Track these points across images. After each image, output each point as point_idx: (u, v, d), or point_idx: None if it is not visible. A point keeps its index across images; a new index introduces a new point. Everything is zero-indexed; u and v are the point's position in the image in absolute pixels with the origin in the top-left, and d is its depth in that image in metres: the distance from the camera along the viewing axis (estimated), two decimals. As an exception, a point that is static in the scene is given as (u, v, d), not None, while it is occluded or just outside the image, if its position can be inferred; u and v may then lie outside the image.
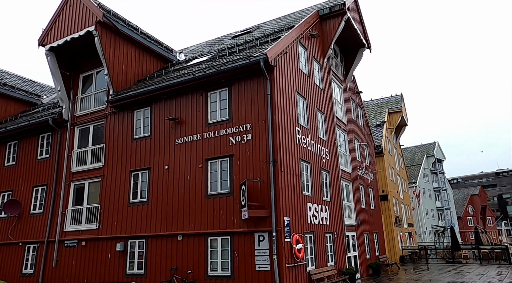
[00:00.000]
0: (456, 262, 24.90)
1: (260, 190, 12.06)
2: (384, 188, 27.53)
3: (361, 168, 21.32)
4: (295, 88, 14.24)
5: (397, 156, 35.48)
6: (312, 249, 13.48)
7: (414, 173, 50.07)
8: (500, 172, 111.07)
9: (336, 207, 16.36)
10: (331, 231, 15.34)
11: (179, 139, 14.06)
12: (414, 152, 54.69)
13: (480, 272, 18.89)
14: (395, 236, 27.40)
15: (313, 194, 14.27)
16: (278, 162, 12.06)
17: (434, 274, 18.46)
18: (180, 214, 13.28)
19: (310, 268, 12.91)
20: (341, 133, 19.30)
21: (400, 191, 33.56)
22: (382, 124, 31.09)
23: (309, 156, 14.48)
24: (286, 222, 11.85)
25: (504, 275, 17.10)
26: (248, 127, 12.78)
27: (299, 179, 13.27)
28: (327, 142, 16.73)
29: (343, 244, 16.28)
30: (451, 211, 56.43)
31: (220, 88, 13.70)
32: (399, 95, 35.23)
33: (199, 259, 12.50)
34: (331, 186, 16.23)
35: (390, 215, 27.26)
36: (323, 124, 16.76)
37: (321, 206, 14.75)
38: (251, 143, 12.59)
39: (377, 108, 34.61)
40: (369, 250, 20.07)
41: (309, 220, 13.45)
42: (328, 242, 15.01)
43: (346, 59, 21.66)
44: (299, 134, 13.90)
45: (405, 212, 33.65)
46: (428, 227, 47.49)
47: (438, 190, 53.78)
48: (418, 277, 17.32)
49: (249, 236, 11.86)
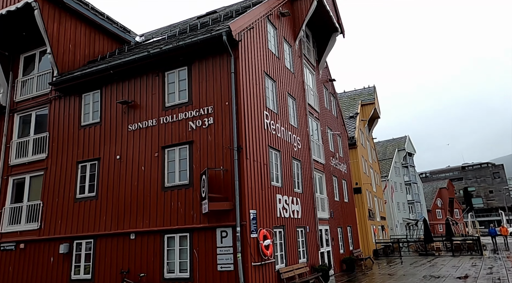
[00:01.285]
0: (429, 254, 24.59)
1: (223, 180, 10.69)
2: (357, 180, 26.86)
3: (334, 159, 20.38)
4: (263, 69, 12.93)
5: (370, 149, 35.10)
6: (282, 245, 12.27)
7: (386, 167, 50.29)
8: (466, 166, 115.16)
9: (309, 199, 15.25)
10: (303, 225, 14.20)
11: (133, 125, 12.43)
12: (386, 146, 55.03)
13: (454, 264, 18.42)
14: (369, 229, 26.83)
15: (283, 185, 13.05)
16: (244, 149, 10.72)
17: (409, 267, 17.79)
18: (133, 210, 11.68)
19: (279, 266, 11.69)
20: (314, 121, 18.23)
21: (373, 184, 33.16)
22: (355, 116, 30.46)
23: (279, 143, 13.24)
24: (253, 215, 10.54)
25: (479, 267, 16.62)
26: (210, 109, 11.35)
27: (267, 168, 11.99)
28: (299, 130, 15.57)
29: (316, 239, 15.20)
30: (421, 204, 57.35)
31: (178, 67, 12.18)
32: (371, 87, 34.81)
33: (154, 260, 10.97)
34: (303, 176, 15.09)
35: (363, 208, 26.64)
36: (294, 110, 15.58)
37: (292, 198, 13.57)
38: (213, 128, 11.18)
39: (350, 100, 34.03)
40: (342, 244, 19.17)
41: (278, 213, 12.22)
42: (300, 237, 13.86)
43: (319, 44, 20.62)
44: (268, 119, 12.62)
45: (378, 205, 33.31)
46: (400, 220, 47.82)
47: (409, 184, 54.41)
48: (393, 272, 16.55)
49: (211, 233, 10.47)
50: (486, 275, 13.72)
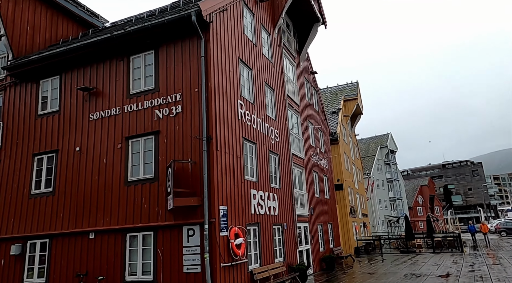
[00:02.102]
0: (410, 251, 24.30)
1: (191, 174, 9.79)
2: (339, 176, 26.33)
3: (315, 154, 19.71)
4: (237, 55, 12.05)
5: (352, 145, 34.71)
6: (257, 244, 11.46)
7: (369, 164, 50.25)
8: (446, 164, 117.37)
9: (287, 195, 14.50)
10: (280, 222, 13.44)
11: (94, 114, 11.37)
12: (368, 143, 55.03)
13: (435, 261, 18.05)
14: (350, 226, 26.36)
15: (259, 179, 12.24)
16: (214, 140, 9.84)
17: (390, 265, 17.29)
18: (93, 207, 10.65)
19: (253, 267, 10.88)
20: (294, 114, 17.48)
21: (355, 181, 32.79)
22: (337, 111, 29.93)
23: (255, 135, 12.41)
24: (223, 212, 9.69)
25: (460, 264, 16.26)
26: (178, 97, 10.41)
27: (241, 161, 11.14)
28: (277, 122, 14.78)
29: (294, 236, 14.47)
30: (403, 201, 57.67)
31: (145, 51, 11.18)
32: (354, 83, 34.42)
33: (115, 261, 9.99)
34: (281, 171, 14.32)
35: (345, 205, 26.13)
36: (272, 101, 14.77)
37: (269, 193, 12.78)
38: (182, 117, 10.25)
39: (333, 95, 33.53)
40: (323, 242, 18.54)
41: (253, 210, 11.40)
42: (277, 235, 13.10)
43: (300, 35, 19.87)
44: (242, 108, 11.76)
45: (360, 202, 32.96)
46: (382, 218, 47.86)
47: (391, 181, 54.58)
48: (373, 270, 16.00)
49: (177, 231, 9.56)
50: (468, 273, 13.28)
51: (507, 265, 14.82)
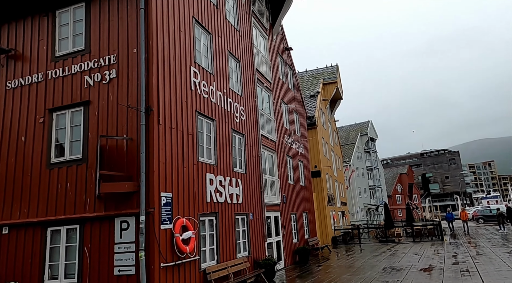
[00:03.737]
0: (389, 241, 23.22)
1: (127, 153, 7.91)
2: (316, 163, 24.88)
3: (289, 137, 18.06)
4: (192, 13, 10.10)
5: (332, 132, 33.36)
6: (214, 237, 9.75)
7: (349, 152, 49.30)
8: (424, 153, 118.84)
9: (254, 181, 12.81)
10: (245, 211, 11.76)
11: (12, 81, 9.28)
12: (349, 131, 54.07)
13: (416, 251, 16.86)
14: (328, 216, 25.06)
15: (219, 162, 10.46)
16: (155, 111, 7.97)
17: (368, 257, 15.97)
18: (8, 195, 8.66)
19: (207, 264, 9.18)
20: (265, 92, 15.70)
21: (334, 168, 31.52)
22: (316, 94, 28.35)
23: (213, 110, 10.58)
24: (166, 200, 7.88)
25: (443, 255, 15.07)
26: (113, 59, 8.45)
27: (193, 140, 9.32)
28: (244, 99, 12.98)
29: (262, 227, 12.84)
30: (382, 190, 57.32)
31: (74, 3, 9.10)
32: (334, 66, 32.84)
33: (33, 262, 8.08)
34: (247, 154, 12.58)
35: (322, 193, 24.76)
36: (238, 74, 12.93)
37: (231, 179, 11.03)
38: (117, 84, 8.32)
39: (312, 78, 31.90)
40: (296, 233, 17.04)
41: (208, 198, 9.63)
42: (240, 226, 11.42)
43: (273, 6, 17.96)
44: (197, 77, 9.88)
45: (338, 190, 31.79)
46: (361, 206, 47.18)
47: (371, 169, 53.95)
48: (350, 263, 14.62)
49: (108, 224, 7.72)
50: (452, 266, 12.01)
51: (492, 256, 13.69)
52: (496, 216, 29.18)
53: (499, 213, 27.19)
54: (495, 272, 10.35)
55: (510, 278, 9.46)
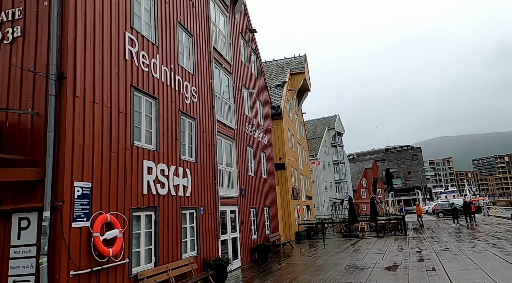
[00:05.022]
0: (353, 235, 22.63)
1: (32, 132, 6.25)
2: (281, 155, 23.80)
3: (251, 125, 16.76)
4: (129, -31, 8.46)
5: (298, 124, 32.46)
6: (152, 236, 8.28)
7: (316, 146, 48.91)
8: (389, 149, 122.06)
9: (207, 171, 11.40)
10: (195, 205, 10.34)
11: None
12: (316, 125, 53.72)
13: (379, 247, 16.17)
14: (292, 210, 24.12)
15: (161, 148, 8.95)
16: (70, 79, 6.35)
17: (331, 254, 15.06)
18: None
19: (141, 268, 7.71)
20: (224, 74, 14.27)
21: (300, 161, 30.67)
22: (283, 84, 27.21)
23: (156, 87, 9.03)
24: (82, 191, 6.31)
25: (407, 251, 14.41)
26: (18, 14, 6.70)
27: (128, 120, 7.76)
28: (197, 79, 11.48)
29: (215, 223, 11.48)
30: (348, 184, 57.66)
31: None
32: (302, 56, 31.88)
33: None
34: (199, 141, 11.14)
35: (287, 186, 23.74)
36: (190, 51, 11.41)
37: (177, 168, 9.56)
38: (21, 44, 6.60)
39: (279, 68, 30.76)
40: (256, 228, 15.84)
41: (145, 189, 8.12)
42: (188, 222, 10.00)
43: (236, -18, 16.49)
44: (133, 46, 8.28)
45: (304, 184, 31.01)
46: (327, 200, 47.02)
47: (337, 163, 53.99)
48: (312, 261, 13.61)
49: (2, 221, 6.06)
50: (417, 264, 11.24)
51: (457, 252, 13.14)
52: (451, 211, 30.01)
53: (453, 208, 27.84)
54: (462, 271, 9.62)
55: (478, 277, 8.71)
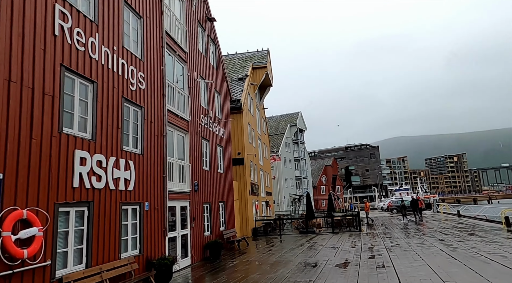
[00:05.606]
0: (310, 231, 22.68)
1: None
2: (240, 150, 23.33)
3: (207, 118, 16.08)
4: None
5: (260, 119, 32.13)
6: (85, 234, 7.45)
7: (277, 142, 49.03)
8: (349, 147, 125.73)
9: (155, 164, 10.63)
10: (138, 200, 9.57)
11: None
12: (279, 121, 53.85)
13: (334, 243, 16.18)
14: (250, 206, 23.75)
15: (99, 137, 8.10)
16: (-21, 53, 5.39)
17: (285, 251, 14.83)
18: None
19: (68, 271, 6.88)
20: (178, 62, 13.48)
21: (260, 157, 30.39)
22: (244, 77, 26.68)
23: (93, 69, 8.14)
24: (-10, 183, 5.41)
25: (359, 247, 14.48)
26: None
27: (55, 103, 6.86)
28: (146, 65, 10.65)
29: (162, 219, 10.76)
30: (308, 180, 58.46)
31: None
32: (265, 50, 31.53)
33: None
34: (147, 131, 10.34)
35: (245, 181, 23.32)
36: (138, 33, 10.55)
37: (118, 159, 8.75)
38: None
39: (242, 62, 30.19)
40: (209, 225, 15.25)
41: (77, 182, 7.28)
42: (130, 219, 9.23)
43: (195, -34, 15.68)
44: (66, 21, 7.36)
45: (263, 180, 30.77)
46: (287, 196, 47.34)
47: (298, 160, 54.51)
48: (265, 258, 13.27)
49: None
50: (368, 260, 11.21)
51: (407, 248, 13.34)
52: (400, 208, 31.75)
53: (402, 205, 29.35)
54: (410, 267, 9.64)
55: (425, 273, 8.73)
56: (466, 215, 30.74)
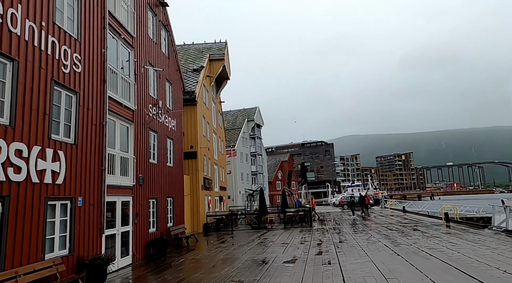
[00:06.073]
0: (262, 227, 22.52)
1: None
2: (193, 143, 22.57)
3: (156, 108, 15.19)
4: None
5: (216, 112, 31.43)
6: (-4, 234, 6.50)
7: (234, 137, 48.57)
8: (305, 143, 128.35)
9: (91, 156, 9.70)
10: (69, 195, 8.65)
11: None
12: (236, 116, 53.36)
13: (284, 239, 16.07)
14: (202, 201, 23.10)
15: (18, 123, 7.12)
16: None
17: (234, 247, 14.45)
18: None
19: (-28, 277, 5.94)
20: (123, 46, 12.50)
21: (215, 151, 29.76)
22: (200, 69, 25.84)
23: (13, 45, 7.13)
24: None
25: (309, 243, 14.45)
26: None
27: (-41, 82, 5.84)
28: (82, 45, 9.65)
29: (98, 216, 9.87)
30: (264, 176, 58.69)
31: None
32: (223, 42, 30.79)
33: None
34: (82, 119, 9.39)
35: (197, 176, 22.63)
36: (75, 11, 9.52)
37: (44, 149, 7.79)
38: None
39: (198, 52, 29.26)
40: (156, 221, 14.47)
41: (-13, 174, 6.30)
42: (58, 216, 8.31)
43: None
44: (-23, -15, 6.31)
45: (218, 175, 30.20)
46: (242, 191, 47.12)
47: (255, 155, 54.46)
48: (213, 255, 12.80)
49: None
50: (315, 257, 11.12)
51: (353, 244, 13.49)
52: (349, 204, 33.30)
53: (351, 201, 30.79)
54: (355, 264, 9.62)
55: (368, 270, 8.72)
56: (411, 211, 32.37)
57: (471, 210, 35.70)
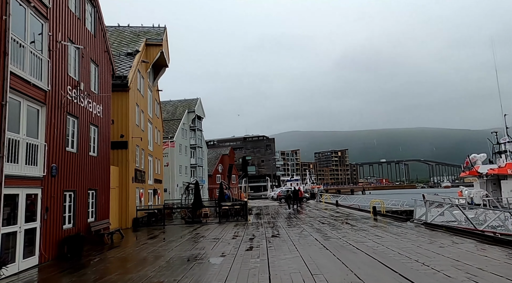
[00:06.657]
0: (196, 221, 21.73)
1: None
2: (124, 132, 20.97)
3: (77, 91, 13.59)
4: None
5: (152, 101, 29.71)
6: None
7: (173, 128, 46.80)
8: (247, 137, 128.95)
9: (-18, 140, 8.16)
10: (-51, 187, 7.13)
11: None
12: (176, 106, 51.48)
13: (216, 234, 15.49)
14: (132, 194, 21.63)
15: None
16: None
17: (161, 244, 13.53)
18: None
19: None
20: (34, 16, 10.83)
21: (150, 141, 28.14)
22: (135, 53, 24.07)
23: None
24: None
25: (241, 238, 14.04)
26: None
27: None
28: (-26, 8, 8.03)
29: (-8, 212, 8.38)
30: (204, 169, 57.54)
31: None
32: (162, 27, 29.11)
33: None
34: (-30, 96, 7.82)
35: (128, 167, 21.09)
36: (-36, -36, 7.86)
37: None
38: None
39: (133, 35, 27.30)
40: (73, 216, 13.00)
41: None
42: None
43: None
44: None
45: (153, 166, 28.65)
46: (180, 184, 45.65)
47: (195, 147, 53.08)
48: (135, 253, 11.80)
49: None
50: (245, 253, 10.70)
51: (285, 238, 13.35)
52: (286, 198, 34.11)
53: (288, 195, 31.47)
54: (283, 260, 9.35)
55: (296, 266, 8.48)
56: (343, 205, 33.76)
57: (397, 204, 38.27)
